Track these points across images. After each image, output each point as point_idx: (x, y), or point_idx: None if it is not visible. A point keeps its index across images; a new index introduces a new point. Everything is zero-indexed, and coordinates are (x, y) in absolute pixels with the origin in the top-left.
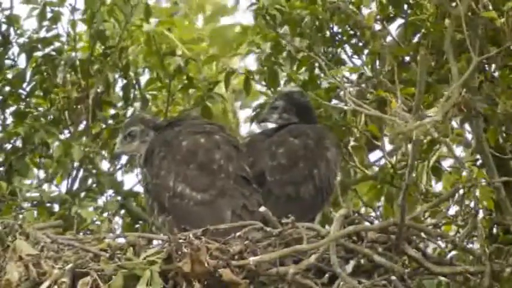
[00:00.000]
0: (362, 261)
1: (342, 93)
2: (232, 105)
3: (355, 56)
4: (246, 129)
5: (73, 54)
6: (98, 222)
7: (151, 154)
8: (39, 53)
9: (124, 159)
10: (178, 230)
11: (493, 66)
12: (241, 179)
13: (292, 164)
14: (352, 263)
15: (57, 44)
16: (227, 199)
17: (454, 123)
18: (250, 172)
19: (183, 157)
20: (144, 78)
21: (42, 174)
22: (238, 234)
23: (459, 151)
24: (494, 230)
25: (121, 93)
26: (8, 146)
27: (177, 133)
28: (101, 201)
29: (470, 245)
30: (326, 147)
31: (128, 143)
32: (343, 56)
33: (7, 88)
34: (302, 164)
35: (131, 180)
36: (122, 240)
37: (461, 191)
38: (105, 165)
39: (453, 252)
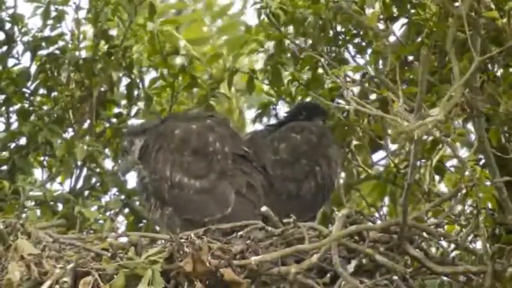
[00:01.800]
0: (364, 261)
1: (344, 92)
2: (238, 104)
3: (358, 56)
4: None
5: (77, 53)
6: (101, 222)
7: (146, 149)
8: (43, 52)
9: None
10: (181, 221)
11: (495, 66)
12: (240, 157)
13: (294, 159)
14: (354, 262)
15: (61, 43)
16: (229, 180)
17: (457, 123)
18: (250, 152)
19: (177, 145)
20: (148, 77)
21: (45, 173)
22: (240, 233)
23: (463, 151)
24: (497, 230)
25: (125, 92)
26: (12, 145)
27: (169, 125)
28: (104, 200)
29: (472, 245)
30: (328, 145)
31: (126, 159)
32: (346, 55)
33: (11, 87)
34: (304, 159)
35: (135, 179)
36: (124, 239)
37: (463, 191)
38: (108, 164)
39: (455, 252)
